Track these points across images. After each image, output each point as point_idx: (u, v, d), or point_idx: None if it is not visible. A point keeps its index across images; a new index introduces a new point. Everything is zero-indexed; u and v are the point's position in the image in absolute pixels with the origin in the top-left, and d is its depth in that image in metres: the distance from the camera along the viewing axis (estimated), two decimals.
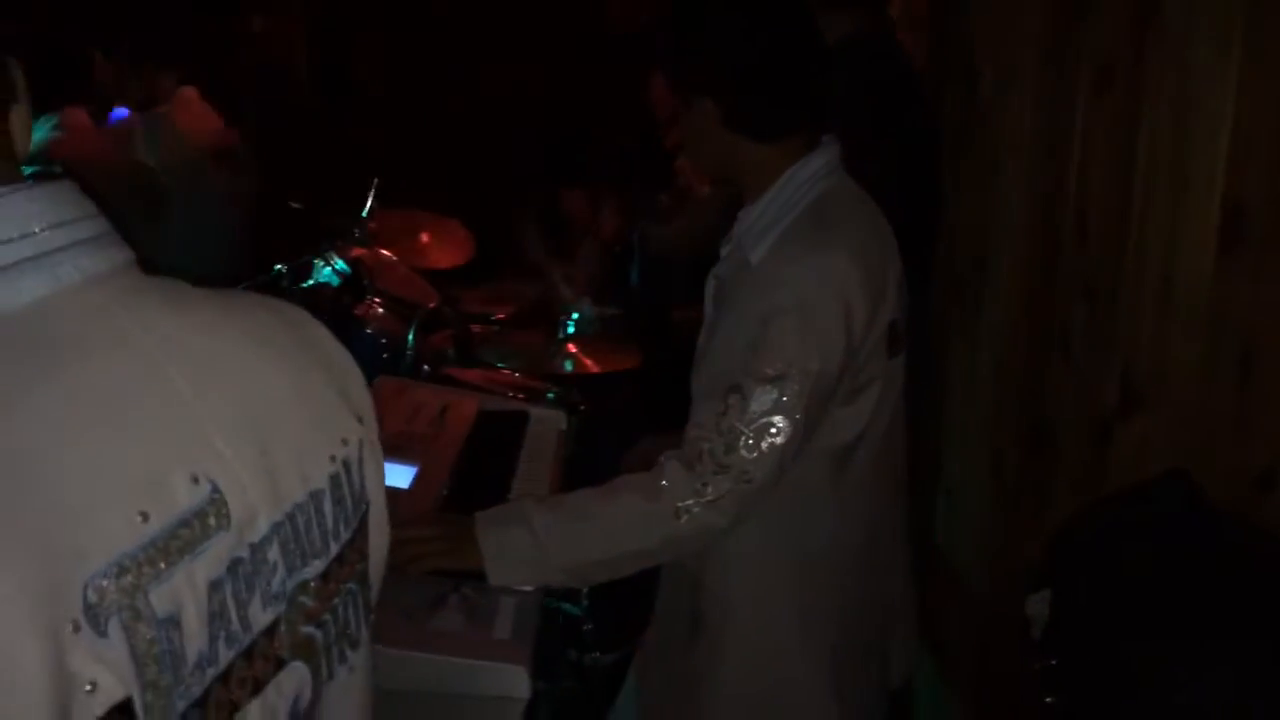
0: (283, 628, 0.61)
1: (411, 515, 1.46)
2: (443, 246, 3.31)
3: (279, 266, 2.61)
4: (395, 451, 1.72)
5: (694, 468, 1.33)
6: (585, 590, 2.71)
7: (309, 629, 0.63)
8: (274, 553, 0.61)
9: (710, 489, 1.32)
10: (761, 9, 1.41)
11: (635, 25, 3.19)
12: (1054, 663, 1.35)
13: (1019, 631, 1.48)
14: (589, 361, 2.98)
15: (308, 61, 3.82)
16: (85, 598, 0.50)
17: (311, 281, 2.89)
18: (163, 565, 0.54)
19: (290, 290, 2.73)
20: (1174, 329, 1.47)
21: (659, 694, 1.54)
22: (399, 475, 1.65)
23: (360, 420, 0.71)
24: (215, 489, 0.57)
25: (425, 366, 2.70)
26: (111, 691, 0.51)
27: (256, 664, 0.59)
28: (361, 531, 0.70)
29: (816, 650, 1.46)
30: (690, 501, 1.32)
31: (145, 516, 0.54)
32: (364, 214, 2.89)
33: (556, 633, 2.14)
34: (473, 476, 1.71)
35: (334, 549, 0.66)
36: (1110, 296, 1.62)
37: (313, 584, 0.64)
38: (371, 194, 2.91)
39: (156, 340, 0.59)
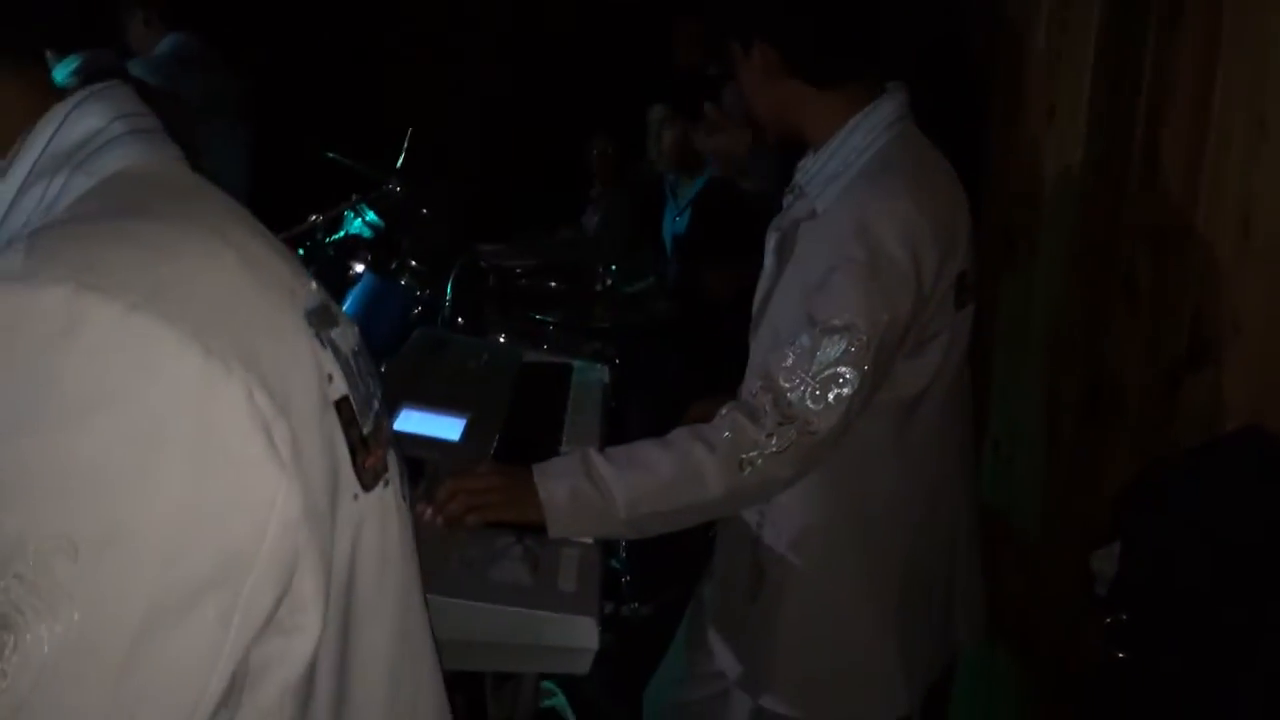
0: (384, 423, 0.72)
1: (467, 466, 1.43)
2: None
3: (313, 217, 2.57)
4: (444, 402, 1.69)
5: (758, 419, 1.30)
6: (623, 543, 2.72)
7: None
8: (363, 365, 0.70)
9: (775, 440, 1.29)
10: None
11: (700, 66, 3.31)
12: (1124, 618, 1.32)
13: (1079, 586, 1.45)
14: (624, 314, 2.96)
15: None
16: (306, 317, 0.63)
17: (342, 233, 2.86)
18: (327, 324, 0.65)
19: (323, 241, 2.70)
20: (1250, 275, 1.42)
21: (717, 649, 1.53)
22: (449, 427, 1.63)
23: None
24: (328, 297, 0.69)
25: (460, 319, 2.67)
26: (339, 385, 0.63)
27: (384, 429, 0.70)
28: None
29: (879, 606, 1.44)
30: (754, 453, 1.29)
31: (296, 292, 0.65)
32: (399, 165, 2.85)
33: None
34: (523, 428, 1.69)
35: (375, 405, 0.73)
36: (1180, 241, 1.57)
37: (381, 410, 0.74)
38: (406, 145, 2.87)
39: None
